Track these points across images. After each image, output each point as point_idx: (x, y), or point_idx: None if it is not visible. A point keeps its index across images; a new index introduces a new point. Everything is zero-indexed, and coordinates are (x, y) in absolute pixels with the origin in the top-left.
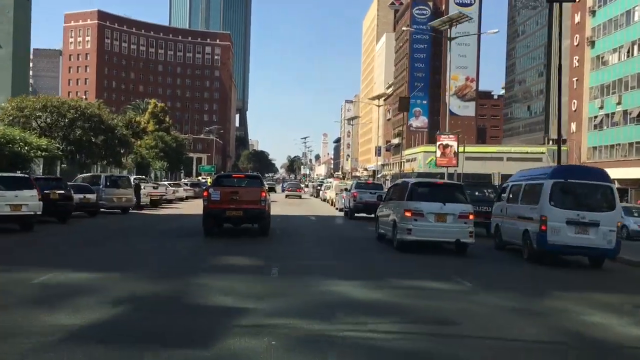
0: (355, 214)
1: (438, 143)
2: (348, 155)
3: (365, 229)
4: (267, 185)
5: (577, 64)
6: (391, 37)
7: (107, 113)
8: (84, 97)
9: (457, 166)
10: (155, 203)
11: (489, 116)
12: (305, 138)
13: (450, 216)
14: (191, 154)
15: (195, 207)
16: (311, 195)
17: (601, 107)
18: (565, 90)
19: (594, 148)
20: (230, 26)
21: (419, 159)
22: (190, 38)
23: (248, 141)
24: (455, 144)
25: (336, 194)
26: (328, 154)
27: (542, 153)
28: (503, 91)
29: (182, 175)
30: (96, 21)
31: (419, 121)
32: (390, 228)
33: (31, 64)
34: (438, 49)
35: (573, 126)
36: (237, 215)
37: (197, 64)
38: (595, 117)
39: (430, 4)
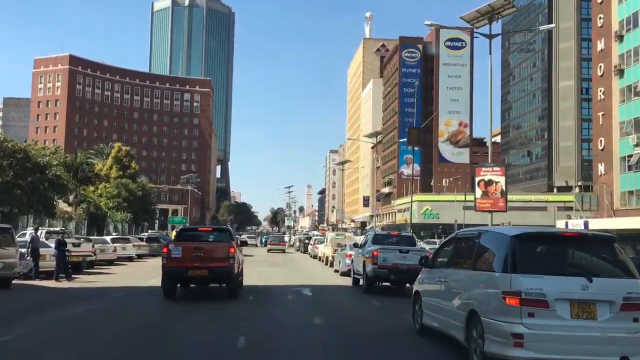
0: (373, 284)
1: (478, 179)
2: (333, 207)
3: (394, 314)
4: (239, 239)
5: (602, 97)
6: (378, 83)
7: (41, 149)
8: (52, 145)
9: (506, 210)
10: (77, 267)
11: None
12: (289, 187)
13: (603, 305)
14: (166, 206)
15: (141, 272)
16: (297, 250)
17: (636, 145)
18: (566, 133)
19: (630, 192)
20: (211, 75)
21: (413, 209)
22: (168, 84)
23: (230, 193)
24: (502, 179)
25: (334, 250)
26: (312, 205)
27: (548, 201)
28: (494, 138)
29: (155, 227)
30: (67, 66)
31: (411, 169)
32: (460, 324)
33: (1, 114)
34: (429, 92)
35: (601, 167)
36: (202, 274)
37: (175, 110)
38: (630, 156)
39: (420, 46)
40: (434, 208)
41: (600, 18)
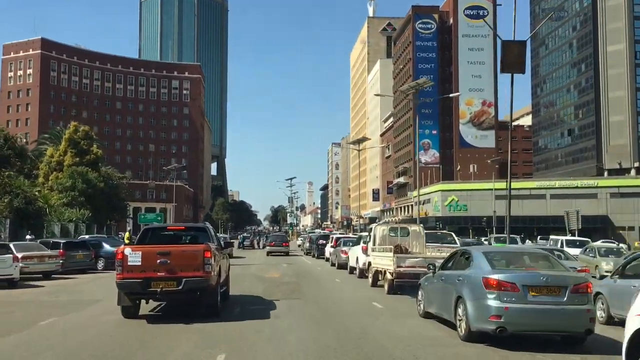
0: None
1: None
2: (337, 203)
3: None
4: (222, 240)
5: None
6: (386, 63)
7: None
8: (25, 139)
9: None
10: None
11: (505, 150)
12: (290, 179)
13: None
14: (154, 204)
15: None
16: (307, 254)
17: None
18: (616, 106)
19: None
20: (205, 67)
21: (435, 200)
22: (154, 70)
23: (227, 191)
24: None
25: (408, 260)
26: (314, 203)
27: (598, 187)
28: (522, 119)
29: (128, 227)
30: (39, 51)
31: (429, 155)
32: None
33: None
34: (447, 69)
35: None
36: (169, 287)
37: (163, 99)
38: None
39: (436, 16)
40: (460, 199)
41: None
